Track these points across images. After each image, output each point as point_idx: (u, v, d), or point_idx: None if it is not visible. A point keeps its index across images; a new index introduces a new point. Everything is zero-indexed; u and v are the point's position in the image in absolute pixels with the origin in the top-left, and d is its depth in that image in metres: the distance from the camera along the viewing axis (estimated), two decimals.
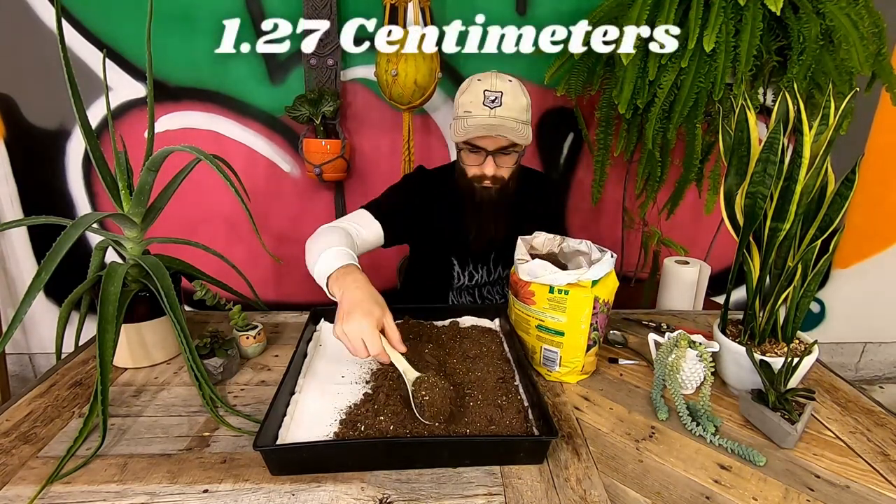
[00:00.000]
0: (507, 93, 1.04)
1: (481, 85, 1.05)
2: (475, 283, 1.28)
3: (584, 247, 0.98)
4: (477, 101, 1.04)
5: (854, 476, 0.71)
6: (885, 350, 2.37)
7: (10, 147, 1.75)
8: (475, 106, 1.04)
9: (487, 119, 1.03)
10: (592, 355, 0.92)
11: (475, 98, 1.04)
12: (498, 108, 1.03)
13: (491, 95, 1.03)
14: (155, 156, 0.85)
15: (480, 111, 1.04)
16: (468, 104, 1.05)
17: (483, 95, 1.04)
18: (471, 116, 1.04)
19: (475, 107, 1.04)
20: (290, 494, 0.64)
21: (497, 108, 1.03)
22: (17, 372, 2.08)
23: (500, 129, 1.03)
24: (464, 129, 1.04)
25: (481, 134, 1.03)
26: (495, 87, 1.04)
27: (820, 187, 0.78)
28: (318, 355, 0.94)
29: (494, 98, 1.03)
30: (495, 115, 1.03)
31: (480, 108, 1.04)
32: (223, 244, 1.89)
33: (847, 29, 1.17)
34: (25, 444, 0.73)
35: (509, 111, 1.04)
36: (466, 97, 1.06)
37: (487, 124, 1.03)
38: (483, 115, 1.04)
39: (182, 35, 1.64)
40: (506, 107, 1.04)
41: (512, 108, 1.04)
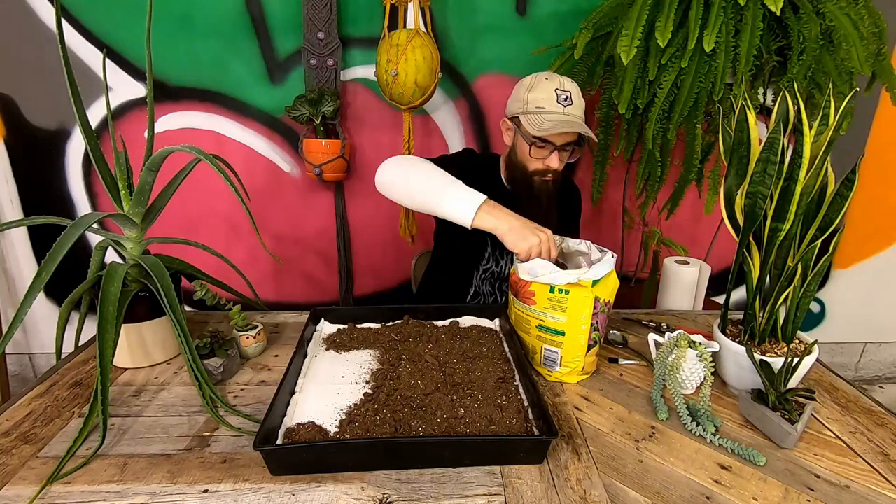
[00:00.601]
0: (575, 93, 1.11)
1: (550, 84, 1.10)
2: (500, 272, 1.30)
3: (584, 247, 0.98)
4: (550, 99, 1.09)
5: (854, 476, 0.71)
6: (885, 350, 2.37)
7: (10, 147, 1.75)
8: (549, 103, 1.09)
9: (564, 117, 1.09)
10: (593, 355, 0.92)
11: (547, 95, 1.09)
12: (570, 107, 1.10)
13: (563, 94, 1.09)
14: (155, 156, 0.85)
15: (555, 108, 1.09)
16: (540, 101, 1.10)
17: (555, 94, 1.09)
18: (546, 112, 1.09)
19: (549, 104, 1.09)
20: (290, 494, 0.64)
21: (569, 107, 1.09)
22: (17, 372, 2.08)
23: (577, 126, 1.08)
24: (544, 124, 1.08)
25: (563, 130, 1.08)
26: (564, 86, 1.10)
27: (820, 187, 0.78)
28: (318, 355, 0.94)
29: (566, 97, 1.09)
30: (568, 113, 1.09)
31: (554, 105, 1.09)
32: (223, 244, 1.89)
33: (847, 29, 1.17)
34: (25, 444, 0.73)
35: (578, 110, 1.11)
36: (537, 94, 1.10)
37: (566, 121, 1.08)
38: (558, 113, 1.09)
39: (182, 35, 1.64)
40: (576, 105, 1.11)
41: (579, 108, 1.12)
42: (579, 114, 1.11)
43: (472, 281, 1.31)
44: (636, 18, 1.22)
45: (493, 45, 1.72)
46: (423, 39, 1.49)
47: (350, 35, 1.68)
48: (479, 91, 1.78)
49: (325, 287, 2.00)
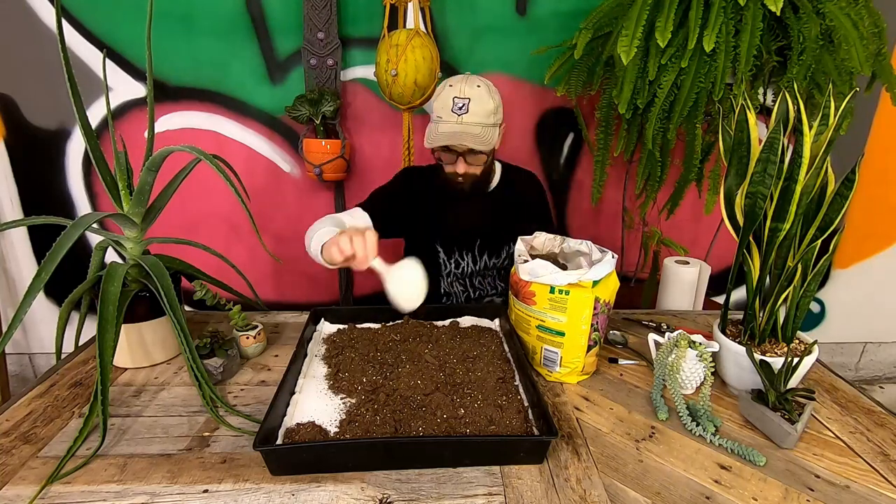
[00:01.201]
0: (475, 99, 1.11)
1: (451, 91, 1.12)
2: (462, 271, 1.33)
3: (585, 247, 0.98)
4: (446, 108, 1.12)
5: (854, 476, 0.71)
6: (885, 350, 2.37)
7: (10, 147, 1.75)
8: (444, 111, 1.12)
9: (454, 126, 1.11)
10: (593, 356, 0.92)
11: (444, 104, 1.12)
12: (465, 115, 1.10)
13: (458, 102, 1.10)
14: (155, 156, 0.85)
15: (449, 117, 1.12)
16: (439, 109, 1.13)
17: (452, 102, 1.11)
18: (442, 122, 1.13)
19: (444, 112, 1.12)
20: (290, 494, 0.64)
21: (464, 115, 1.10)
22: (17, 372, 2.08)
23: (463, 138, 1.10)
24: (433, 137, 1.12)
25: (445, 143, 1.12)
26: (463, 93, 1.11)
27: (820, 187, 0.78)
28: (318, 355, 0.94)
29: (462, 105, 1.10)
30: (461, 122, 1.11)
31: (449, 115, 1.11)
32: (223, 244, 1.89)
33: (847, 29, 1.17)
34: (25, 444, 0.73)
35: (475, 117, 1.11)
36: (438, 102, 1.14)
37: (451, 132, 1.11)
38: (451, 122, 1.11)
39: (182, 35, 1.64)
40: (472, 113, 1.11)
41: (477, 114, 1.11)
42: (476, 120, 1.11)
43: (441, 286, 1.35)
44: (636, 18, 1.22)
45: (493, 45, 1.72)
46: (422, 39, 1.49)
47: (350, 35, 1.68)
48: None
49: (325, 287, 1.99)
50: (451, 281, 1.34)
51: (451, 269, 1.33)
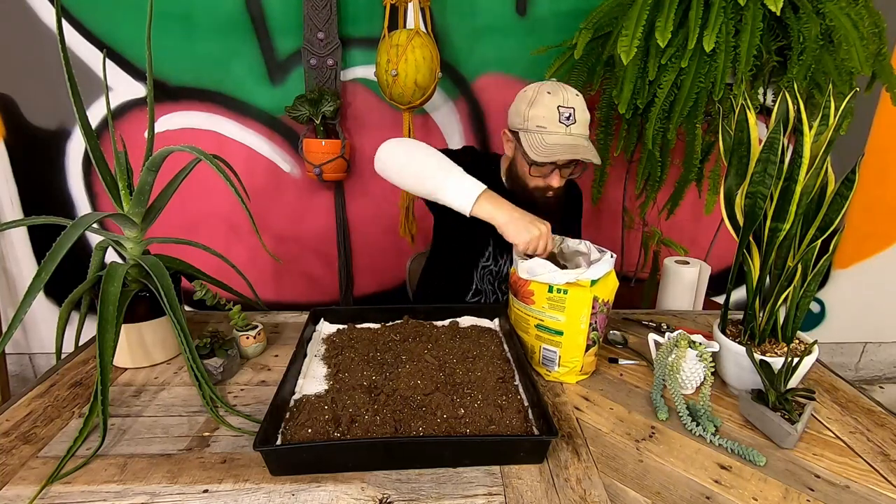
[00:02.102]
0: (578, 108, 1.04)
1: (553, 99, 1.03)
2: (498, 271, 1.29)
3: (584, 247, 0.98)
4: (551, 117, 1.02)
5: (854, 476, 0.71)
6: (885, 350, 2.37)
7: (10, 147, 1.75)
8: (550, 122, 1.02)
9: (566, 138, 1.02)
10: (592, 355, 0.92)
11: (548, 113, 1.02)
12: (573, 126, 1.02)
13: (565, 112, 1.02)
14: (155, 156, 0.85)
15: (556, 128, 1.02)
16: (541, 118, 1.03)
17: (558, 112, 1.02)
18: (547, 133, 1.03)
19: (550, 122, 1.02)
20: (290, 494, 0.64)
21: (572, 126, 1.02)
22: (17, 372, 2.08)
23: (580, 150, 1.02)
24: (545, 149, 1.02)
25: (566, 157, 1.02)
26: (567, 101, 1.03)
27: (820, 187, 0.78)
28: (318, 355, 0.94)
29: (569, 115, 1.02)
30: (571, 133, 1.03)
31: (556, 125, 1.02)
32: (223, 244, 1.89)
33: (847, 29, 1.17)
34: (25, 444, 0.73)
35: (581, 128, 1.04)
36: (538, 111, 1.03)
37: (568, 144, 1.02)
38: (560, 133, 1.02)
39: (182, 35, 1.64)
40: (579, 123, 1.03)
41: (582, 124, 1.04)
42: (582, 131, 1.05)
43: (473, 278, 1.30)
44: (636, 18, 1.22)
45: (493, 45, 1.72)
46: (423, 39, 1.49)
47: (350, 35, 1.68)
48: (479, 91, 1.78)
49: (325, 287, 2.00)
50: (483, 275, 1.29)
51: (490, 265, 1.28)
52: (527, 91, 1.08)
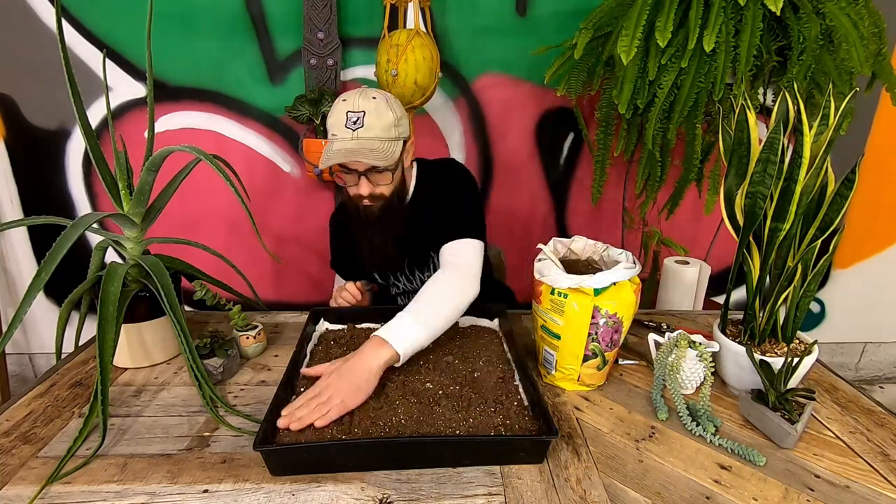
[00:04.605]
0: (370, 111, 1.00)
1: (345, 105, 1.01)
2: (406, 290, 1.29)
3: (623, 257, 0.91)
4: (340, 123, 1.00)
5: (854, 476, 0.71)
6: (885, 350, 2.37)
7: (10, 147, 1.75)
8: (338, 128, 1.01)
9: (348, 143, 1.00)
10: (592, 368, 0.88)
11: (337, 120, 1.01)
12: (360, 130, 0.99)
13: (353, 116, 1.00)
14: (155, 156, 0.85)
15: (343, 133, 1.00)
16: (333, 126, 1.02)
17: (345, 117, 1.00)
18: (336, 139, 1.01)
19: (338, 129, 1.01)
20: (290, 494, 0.64)
21: (360, 130, 0.99)
22: (17, 372, 2.08)
23: (359, 154, 0.99)
24: (326, 156, 1.01)
25: (340, 160, 1.00)
26: (357, 106, 1.00)
27: (820, 187, 0.78)
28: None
29: (357, 118, 0.99)
30: (357, 137, 0.99)
31: (343, 131, 1.00)
32: (223, 244, 1.89)
33: (847, 29, 1.17)
34: (25, 444, 0.73)
35: (371, 130, 1.00)
36: (331, 119, 1.02)
37: (346, 149, 0.99)
38: (345, 139, 1.00)
39: (182, 35, 1.64)
40: (368, 127, 0.99)
41: (374, 128, 1.00)
42: (373, 134, 0.99)
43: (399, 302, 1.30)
44: (636, 18, 1.22)
45: (493, 45, 1.72)
46: (423, 39, 1.49)
47: (350, 35, 1.68)
48: (479, 91, 1.78)
49: (325, 287, 1.99)
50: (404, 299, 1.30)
51: (396, 290, 1.30)
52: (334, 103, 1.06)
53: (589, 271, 0.94)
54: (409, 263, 1.23)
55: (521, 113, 1.81)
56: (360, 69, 1.73)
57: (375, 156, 0.99)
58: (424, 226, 1.14)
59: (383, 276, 1.28)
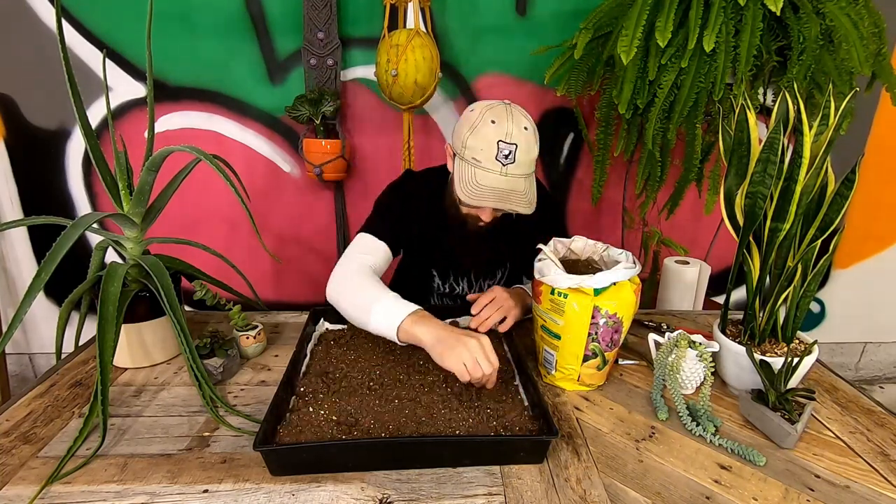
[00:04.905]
0: (521, 146, 0.93)
1: (495, 132, 0.92)
2: (455, 293, 1.26)
3: (623, 257, 0.91)
4: (489, 152, 0.92)
5: (854, 476, 0.71)
6: (885, 350, 2.37)
7: (10, 147, 1.75)
8: (486, 157, 0.92)
9: (500, 180, 0.93)
10: (592, 368, 0.88)
11: (486, 147, 0.92)
12: (511, 166, 0.92)
13: (505, 149, 0.92)
14: (155, 156, 0.85)
15: (492, 166, 0.92)
16: (478, 151, 0.93)
17: (496, 147, 0.92)
18: (481, 168, 0.94)
19: (486, 158, 0.93)
20: (290, 494, 0.64)
21: (510, 166, 0.93)
22: (17, 372, 2.08)
23: (512, 199, 0.94)
24: (475, 190, 0.94)
25: (494, 205, 0.94)
26: (510, 136, 0.92)
27: (820, 187, 0.78)
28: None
29: (508, 153, 0.92)
30: (507, 174, 0.93)
31: (492, 163, 0.92)
32: (223, 244, 1.89)
33: (847, 29, 1.17)
34: (25, 444, 0.73)
35: (521, 168, 0.94)
36: (477, 140, 0.93)
37: (500, 189, 0.93)
38: (494, 173, 0.93)
39: (182, 35, 1.64)
40: (518, 164, 0.93)
41: (524, 164, 0.94)
42: (522, 171, 0.94)
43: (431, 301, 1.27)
44: (636, 18, 1.22)
45: (493, 45, 1.72)
46: (423, 39, 1.49)
47: (350, 35, 1.68)
48: (479, 91, 1.78)
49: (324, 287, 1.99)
50: (440, 299, 1.27)
51: (443, 290, 1.25)
52: (473, 111, 0.97)
53: (589, 271, 0.94)
54: (478, 271, 1.23)
55: None
56: (360, 69, 1.73)
57: (526, 201, 0.95)
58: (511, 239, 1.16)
59: (443, 276, 1.22)
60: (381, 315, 0.87)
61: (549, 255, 0.91)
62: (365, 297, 0.92)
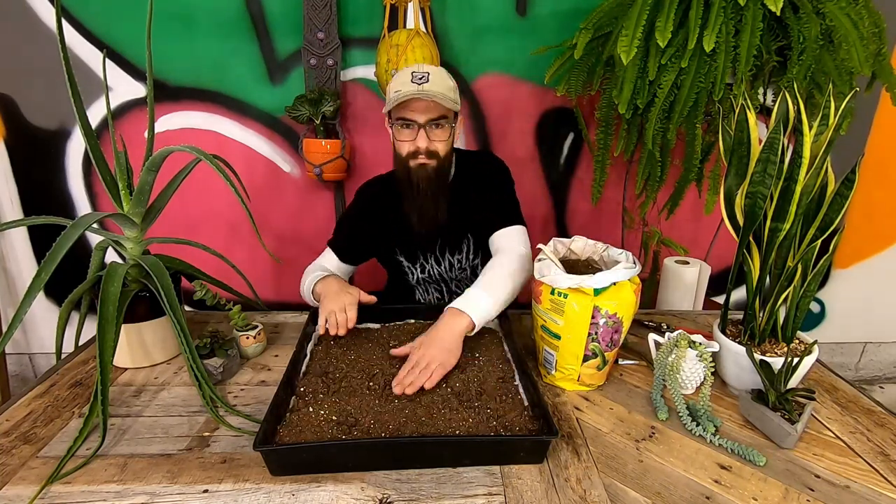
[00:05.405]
0: (434, 73, 1.06)
1: (409, 69, 1.08)
2: (430, 275, 1.29)
3: (623, 257, 0.91)
4: (405, 81, 1.05)
5: (854, 476, 0.71)
6: (885, 350, 2.37)
7: (10, 147, 1.75)
8: (403, 84, 1.05)
9: (415, 88, 1.04)
10: (592, 367, 0.88)
11: (403, 79, 1.06)
12: (425, 84, 1.04)
13: (418, 74, 1.05)
14: (155, 156, 0.85)
15: (409, 88, 1.04)
16: (397, 86, 1.07)
17: (411, 75, 1.06)
18: (399, 93, 1.05)
19: (404, 85, 1.05)
20: (290, 494, 0.64)
21: (424, 84, 1.04)
22: (17, 372, 2.08)
23: (429, 95, 1.03)
24: (394, 99, 1.06)
25: (411, 96, 1.03)
26: (422, 69, 1.07)
27: (820, 187, 0.78)
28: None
29: (422, 76, 1.05)
30: (422, 88, 1.04)
31: (409, 86, 1.05)
32: (223, 244, 1.89)
33: (847, 29, 1.17)
34: (25, 444, 0.73)
35: (437, 87, 1.05)
36: (394, 83, 1.09)
37: (416, 90, 1.04)
38: (411, 89, 1.04)
39: (182, 35, 1.64)
40: (433, 83, 1.05)
41: (439, 85, 1.06)
42: (438, 90, 1.05)
43: (417, 295, 1.34)
44: (636, 18, 1.22)
45: (493, 45, 1.72)
46: (423, 39, 1.49)
47: (350, 35, 1.68)
48: (479, 91, 1.78)
49: None
50: (425, 288, 1.31)
51: (419, 275, 1.28)
52: None
53: (589, 271, 0.94)
54: (442, 244, 1.26)
55: (521, 113, 1.80)
56: (360, 69, 1.73)
57: (444, 100, 1.05)
58: (464, 208, 1.20)
59: (410, 257, 1.27)
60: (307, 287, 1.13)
61: (548, 255, 0.91)
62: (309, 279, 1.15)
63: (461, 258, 1.27)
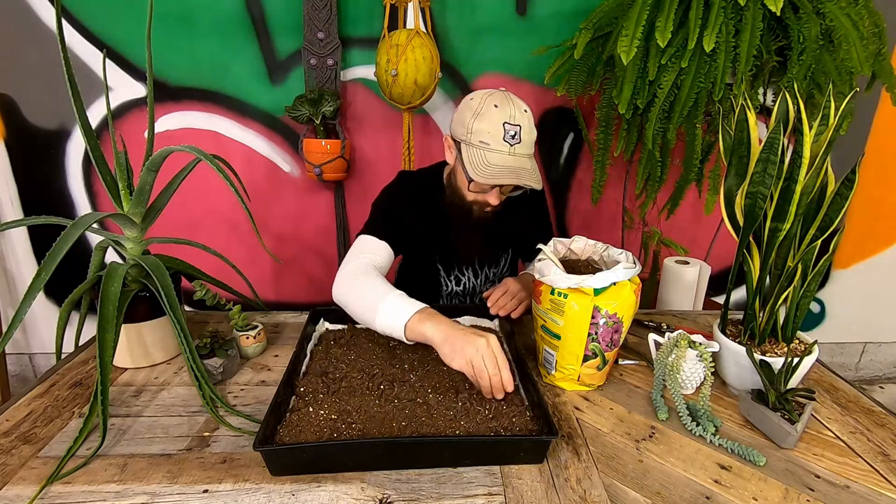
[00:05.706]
0: (525, 126, 0.99)
1: (499, 114, 0.97)
2: (464, 288, 1.27)
3: (623, 257, 0.91)
4: (496, 133, 0.97)
5: (854, 476, 0.71)
6: (885, 350, 2.37)
7: (10, 147, 1.75)
8: (494, 139, 0.97)
9: (508, 159, 0.98)
10: (592, 368, 0.88)
11: (493, 129, 0.97)
12: (517, 146, 0.98)
13: (511, 130, 0.97)
14: (155, 156, 0.85)
15: (500, 146, 0.97)
16: (485, 134, 0.97)
17: (503, 129, 0.97)
18: (489, 150, 0.98)
19: (494, 140, 0.97)
20: (290, 494, 0.64)
21: (517, 146, 0.97)
22: (17, 372, 2.08)
23: (523, 175, 0.98)
24: (486, 170, 0.97)
25: (508, 181, 0.97)
26: (514, 118, 0.97)
27: (820, 187, 0.78)
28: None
29: (514, 134, 0.97)
30: (514, 153, 0.98)
31: (500, 143, 0.97)
32: (223, 244, 1.89)
33: (847, 29, 1.17)
34: (25, 444, 0.73)
35: (526, 148, 0.99)
36: (482, 124, 0.97)
37: (510, 167, 0.97)
38: (503, 153, 0.97)
39: (182, 35, 1.64)
40: (524, 143, 0.98)
41: (528, 145, 1.00)
42: (526, 151, 0.99)
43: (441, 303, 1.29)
44: (636, 18, 1.22)
45: (493, 45, 1.72)
46: (422, 39, 1.49)
47: (350, 35, 1.68)
48: None
49: (325, 287, 1.99)
50: (451, 299, 1.28)
51: (452, 286, 1.26)
52: (472, 99, 1.01)
53: (589, 271, 0.94)
54: (480, 259, 1.25)
55: None
56: (360, 69, 1.73)
57: (533, 178, 0.99)
58: (502, 229, 1.18)
59: (448, 269, 1.24)
60: (389, 313, 0.86)
61: (549, 255, 0.91)
62: (371, 295, 0.90)
63: (496, 270, 1.28)
